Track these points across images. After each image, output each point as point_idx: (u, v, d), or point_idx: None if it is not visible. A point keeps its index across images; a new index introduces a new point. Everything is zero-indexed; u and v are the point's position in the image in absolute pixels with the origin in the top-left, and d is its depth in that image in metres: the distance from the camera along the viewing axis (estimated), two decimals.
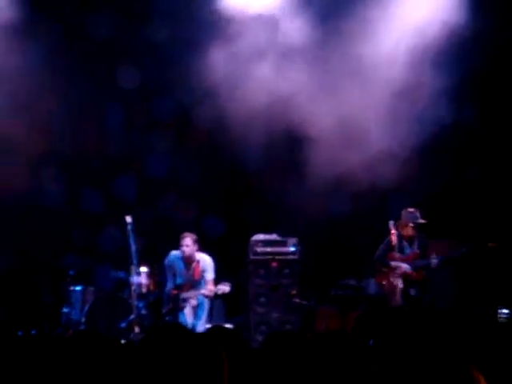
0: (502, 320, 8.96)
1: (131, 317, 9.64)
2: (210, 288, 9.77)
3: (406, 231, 9.41)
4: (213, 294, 9.78)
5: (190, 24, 10.44)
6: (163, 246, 10.35)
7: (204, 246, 10.04)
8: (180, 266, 10.01)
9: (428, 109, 10.30)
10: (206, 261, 9.94)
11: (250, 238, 10.52)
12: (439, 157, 10.62)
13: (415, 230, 9.42)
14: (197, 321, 9.83)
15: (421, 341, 4.53)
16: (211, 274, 9.89)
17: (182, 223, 10.54)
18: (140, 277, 9.77)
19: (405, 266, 9.30)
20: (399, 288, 9.23)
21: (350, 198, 10.39)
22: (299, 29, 10.48)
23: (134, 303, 9.62)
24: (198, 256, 9.95)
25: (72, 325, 10.08)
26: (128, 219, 9.57)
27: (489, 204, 10.58)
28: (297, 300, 10.19)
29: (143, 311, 9.81)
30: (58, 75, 10.34)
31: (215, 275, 9.92)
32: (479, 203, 10.61)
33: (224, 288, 9.69)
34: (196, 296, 9.83)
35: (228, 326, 8.60)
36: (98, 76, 10.69)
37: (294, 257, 10.45)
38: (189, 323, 9.63)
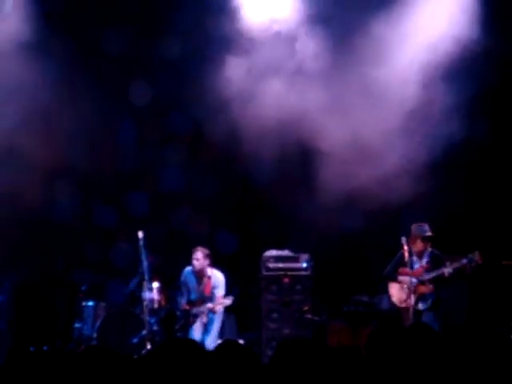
0: None
1: (143, 332, 9.64)
2: (216, 303, 9.76)
3: (416, 246, 9.45)
4: (217, 309, 9.76)
5: (204, 39, 10.50)
6: (176, 261, 10.36)
7: (216, 262, 10.03)
8: (192, 282, 10.00)
9: (440, 125, 10.29)
10: (219, 278, 9.92)
11: (263, 254, 10.52)
12: (451, 173, 10.60)
13: (424, 244, 9.43)
14: (206, 336, 9.81)
15: (433, 358, 4.50)
16: (222, 291, 9.86)
17: (195, 238, 10.54)
18: (152, 292, 9.77)
19: (413, 280, 9.29)
20: (410, 304, 9.21)
21: (362, 214, 10.38)
22: (314, 47, 10.52)
23: (146, 319, 9.61)
24: (210, 272, 9.94)
25: (84, 340, 10.07)
26: (140, 235, 9.59)
27: (503, 220, 10.54)
28: (309, 316, 10.17)
29: (155, 327, 9.80)
30: (73, 91, 10.41)
31: (225, 292, 9.89)
32: (493, 219, 10.57)
33: (225, 301, 9.70)
34: (206, 311, 9.82)
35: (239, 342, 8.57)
36: (113, 91, 10.75)
37: (306, 273, 10.43)
38: (198, 338, 9.60)
